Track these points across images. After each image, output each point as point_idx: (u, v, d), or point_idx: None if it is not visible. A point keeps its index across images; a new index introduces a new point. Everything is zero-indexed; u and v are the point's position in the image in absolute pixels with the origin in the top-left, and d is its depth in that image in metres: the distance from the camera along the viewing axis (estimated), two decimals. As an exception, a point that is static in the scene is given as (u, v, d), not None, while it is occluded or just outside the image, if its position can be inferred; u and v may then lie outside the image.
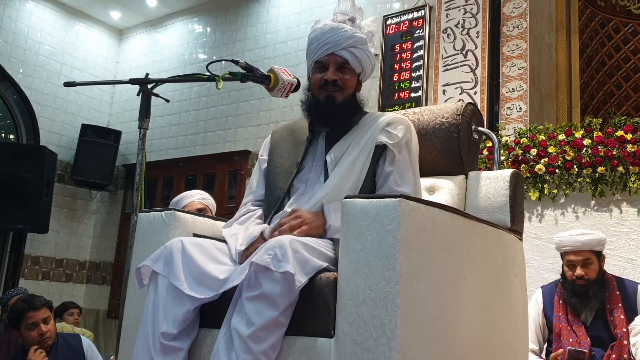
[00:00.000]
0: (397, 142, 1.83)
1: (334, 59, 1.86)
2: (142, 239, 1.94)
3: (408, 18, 5.07)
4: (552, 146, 3.71)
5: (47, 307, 3.13)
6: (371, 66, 1.94)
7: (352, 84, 1.90)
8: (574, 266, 2.90)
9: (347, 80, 1.88)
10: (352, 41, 1.85)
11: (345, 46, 1.84)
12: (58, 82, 6.66)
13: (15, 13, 6.52)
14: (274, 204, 1.91)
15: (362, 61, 1.89)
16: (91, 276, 6.91)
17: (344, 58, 1.86)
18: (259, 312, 1.46)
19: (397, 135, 1.84)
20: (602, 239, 2.94)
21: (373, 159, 1.83)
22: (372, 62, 1.94)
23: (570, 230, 3.05)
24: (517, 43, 4.43)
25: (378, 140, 1.83)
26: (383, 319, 1.38)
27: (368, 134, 1.86)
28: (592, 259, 2.90)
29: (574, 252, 2.90)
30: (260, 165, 2.06)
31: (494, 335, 1.83)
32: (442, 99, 4.57)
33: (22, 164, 5.68)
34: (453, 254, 1.61)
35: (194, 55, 6.74)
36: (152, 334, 1.60)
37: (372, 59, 1.93)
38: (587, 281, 2.86)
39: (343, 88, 1.87)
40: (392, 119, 1.89)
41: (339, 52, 1.85)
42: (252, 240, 1.76)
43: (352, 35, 1.86)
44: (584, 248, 2.89)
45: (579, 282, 2.87)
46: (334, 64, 1.87)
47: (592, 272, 2.87)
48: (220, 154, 6.17)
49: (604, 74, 5.66)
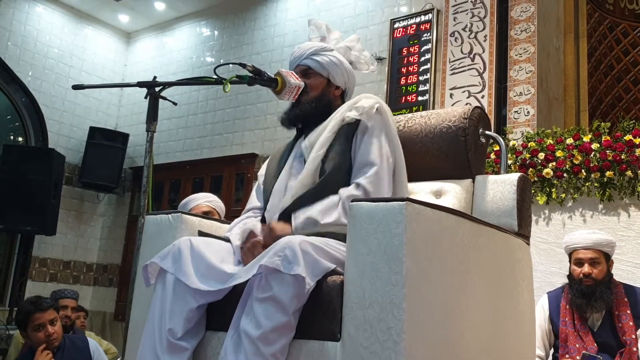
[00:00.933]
0: (365, 112, 1.90)
1: (298, 69, 2.03)
2: (149, 242, 1.95)
3: (415, 22, 5.07)
4: (560, 150, 3.69)
5: (53, 308, 3.15)
6: (340, 70, 2.04)
7: (317, 85, 2.03)
8: (582, 264, 2.90)
9: (311, 83, 2.02)
10: (313, 50, 2.03)
11: (306, 56, 2.03)
12: (66, 84, 6.69)
13: (24, 16, 6.56)
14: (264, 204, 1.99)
15: (325, 64, 2.01)
16: (98, 278, 6.93)
17: (306, 65, 2.03)
18: (268, 315, 1.46)
19: (363, 106, 1.91)
20: (612, 241, 2.95)
21: (344, 135, 1.89)
22: (342, 66, 2.05)
23: (581, 230, 3.08)
24: (524, 47, 4.42)
25: (346, 116, 1.92)
26: (389, 323, 1.38)
27: (338, 115, 1.95)
28: (601, 259, 2.90)
29: (583, 250, 2.91)
30: (259, 179, 2.16)
31: (501, 340, 1.82)
32: (450, 102, 4.56)
33: (30, 166, 5.71)
34: (459, 258, 1.60)
35: (202, 59, 6.76)
36: (159, 331, 1.61)
37: (340, 64, 2.04)
38: (593, 280, 2.85)
39: (308, 90, 2.00)
40: (359, 97, 1.99)
41: (302, 62, 2.03)
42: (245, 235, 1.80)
43: (312, 46, 2.05)
44: (594, 247, 2.90)
45: (585, 281, 2.86)
46: (299, 72, 2.03)
47: (599, 273, 2.87)
48: (227, 156, 6.18)
49: (612, 77, 5.64)
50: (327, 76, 2.03)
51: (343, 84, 2.07)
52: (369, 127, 1.89)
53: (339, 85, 2.06)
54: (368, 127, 1.89)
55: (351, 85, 2.11)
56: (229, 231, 1.95)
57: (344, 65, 2.06)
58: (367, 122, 1.89)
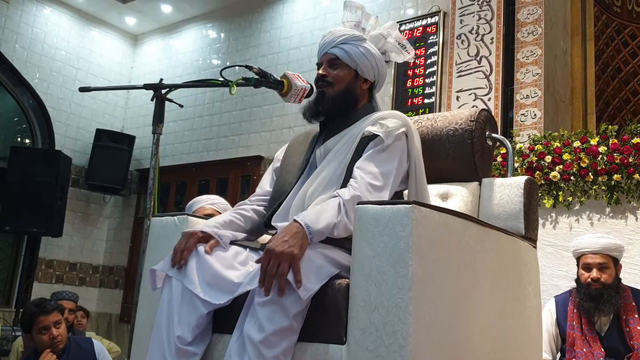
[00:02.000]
0: (387, 131, 1.79)
1: (326, 57, 1.93)
2: (155, 244, 1.95)
3: (422, 24, 5.06)
4: (567, 153, 3.68)
5: (58, 310, 3.14)
6: (369, 62, 1.92)
7: (343, 78, 1.91)
8: (590, 269, 2.88)
9: (336, 75, 1.91)
10: (343, 38, 1.90)
11: (336, 44, 1.90)
12: (73, 87, 6.72)
13: (32, 19, 6.59)
14: (278, 198, 1.91)
15: (354, 55, 1.89)
16: (104, 280, 6.95)
17: (334, 54, 1.90)
18: (270, 318, 1.46)
19: (387, 125, 1.81)
20: (620, 246, 2.92)
21: (359, 149, 1.80)
22: (372, 58, 1.92)
23: (589, 234, 3.04)
24: (531, 49, 4.40)
25: (366, 130, 1.82)
26: (395, 326, 1.37)
27: (360, 126, 1.86)
28: (610, 264, 2.87)
29: (591, 255, 2.88)
30: (274, 164, 2.10)
31: (507, 343, 1.81)
32: (456, 105, 4.55)
33: (37, 168, 5.73)
34: (466, 261, 1.59)
35: (208, 61, 6.77)
36: (167, 337, 1.60)
37: (370, 55, 1.91)
38: (602, 284, 2.83)
39: (333, 83, 1.90)
40: (387, 113, 1.89)
41: (330, 50, 1.91)
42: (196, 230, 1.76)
43: (344, 34, 1.91)
44: (602, 251, 2.87)
45: (593, 285, 2.84)
46: (326, 61, 1.93)
47: (608, 277, 2.84)
48: (233, 159, 6.18)
49: (619, 80, 5.61)
50: (355, 68, 1.91)
51: (372, 77, 1.94)
52: (385, 145, 1.78)
53: (368, 78, 1.93)
54: (384, 144, 1.78)
55: (381, 78, 1.98)
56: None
57: (375, 57, 1.92)
58: (385, 139, 1.79)
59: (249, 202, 2.03)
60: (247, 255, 1.77)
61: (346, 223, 1.63)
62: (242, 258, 1.75)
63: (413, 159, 1.84)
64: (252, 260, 1.75)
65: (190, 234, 1.73)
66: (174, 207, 6.53)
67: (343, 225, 1.62)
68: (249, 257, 1.77)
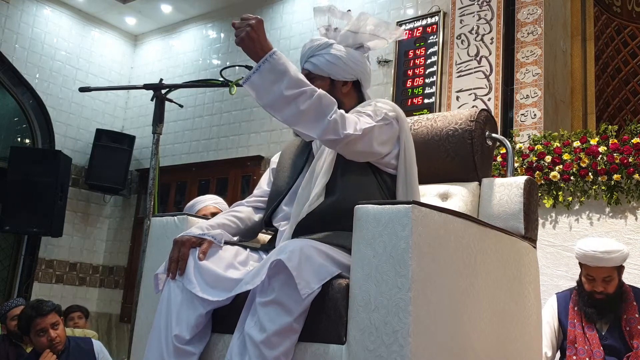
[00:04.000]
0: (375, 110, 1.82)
1: (303, 73, 1.94)
2: (155, 244, 1.95)
3: (422, 24, 5.06)
4: (566, 153, 3.68)
5: (55, 312, 3.13)
6: (339, 66, 1.92)
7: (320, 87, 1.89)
8: (593, 280, 2.82)
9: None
10: (310, 51, 1.96)
11: (306, 58, 1.96)
12: (73, 87, 6.72)
13: (32, 19, 6.59)
14: (275, 198, 1.93)
15: (321, 66, 1.92)
16: (104, 280, 6.95)
17: (307, 69, 1.95)
18: (272, 318, 1.46)
19: (376, 104, 1.85)
20: (626, 255, 2.82)
21: None
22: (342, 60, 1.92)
23: (594, 242, 2.86)
24: (531, 49, 4.41)
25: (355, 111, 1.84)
26: (395, 326, 1.37)
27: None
28: (614, 274, 2.81)
29: (595, 268, 2.80)
30: (271, 166, 2.11)
31: (507, 343, 1.81)
32: (456, 105, 4.55)
33: (37, 168, 5.73)
34: (466, 261, 1.60)
35: (208, 61, 6.77)
36: (165, 337, 1.60)
37: (338, 59, 1.92)
38: (605, 296, 2.80)
39: None
40: (375, 100, 1.91)
41: (304, 66, 1.97)
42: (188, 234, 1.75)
43: (310, 46, 1.97)
44: (607, 265, 2.78)
45: (597, 296, 2.81)
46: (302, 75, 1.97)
47: (611, 288, 2.81)
48: (233, 159, 6.19)
49: (619, 80, 5.62)
50: (328, 76, 1.92)
51: (351, 76, 1.95)
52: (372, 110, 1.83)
53: (346, 79, 1.94)
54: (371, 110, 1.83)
55: (362, 73, 1.97)
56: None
57: (345, 58, 1.92)
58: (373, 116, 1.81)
59: (246, 203, 2.04)
60: (248, 255, 1.78)
61: (318, 106, 1.67)
62: (242, 258, 1.75)
63: (403, 142, 1.86)
64: (253, 260, 1.76)
65: (182, 242, 1.71)
66: (174, 207, 6.53)
67: (314, 106, 1.67)
68: (249, 257, 1.78)
